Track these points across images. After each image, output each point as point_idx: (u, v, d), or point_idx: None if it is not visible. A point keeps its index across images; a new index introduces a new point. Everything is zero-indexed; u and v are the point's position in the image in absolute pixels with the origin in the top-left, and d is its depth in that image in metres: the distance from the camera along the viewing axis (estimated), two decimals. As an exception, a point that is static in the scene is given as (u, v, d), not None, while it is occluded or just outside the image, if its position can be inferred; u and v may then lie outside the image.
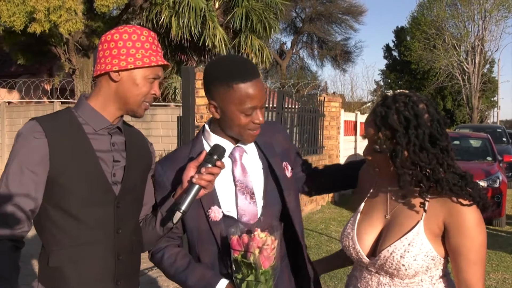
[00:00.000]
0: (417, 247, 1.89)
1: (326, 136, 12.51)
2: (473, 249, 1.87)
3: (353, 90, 33.12)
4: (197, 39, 13.56)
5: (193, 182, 1.88)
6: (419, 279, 1.95)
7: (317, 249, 7.99)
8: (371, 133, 1.95)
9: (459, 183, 1.88)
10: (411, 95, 1.94)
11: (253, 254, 1.87)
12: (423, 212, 1.93)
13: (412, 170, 1.90)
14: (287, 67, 40.48)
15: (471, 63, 37.01)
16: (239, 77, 1.93)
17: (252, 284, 1.91)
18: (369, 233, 2.04)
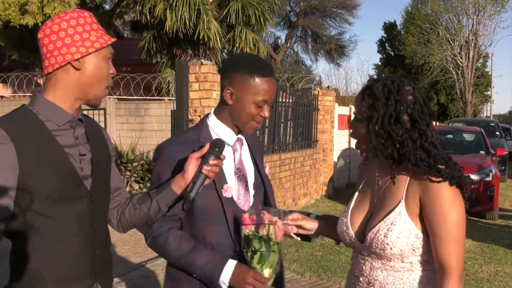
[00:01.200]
0: (399, 225, 1.95)
1: (320, 130, 12.54)
2: (445, 227, 1.90)
3: (348, 84, 33.28)
4: (192, 32, 13.52)
5: (203, 173, 2.00)
6: (409, 263, 1.99)
7: (311, 242, 7.99)
8: (357, 101, 2.09)
9: (427, 159, 1.94)
10: (402, 78, 2.06)
11: (267, 226, 2.03)
12: (403, 192, 1.99)
13: (384, 142, 1.99)
14: (281, 61, 40.42)
15: (465, 58, 37.08)
16: (262, 72, 2.16)
17: (265, 254, 2.03)
18: (360, 218, 2.12)
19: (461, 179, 1.96)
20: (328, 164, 12.72)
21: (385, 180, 2.09)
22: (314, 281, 6.31)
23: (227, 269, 2.08)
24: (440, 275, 1.93)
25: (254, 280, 2.04)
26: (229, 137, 2.24)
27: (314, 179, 12.02)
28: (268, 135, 10.13)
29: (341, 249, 7.65)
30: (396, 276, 2.00)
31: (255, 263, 2.05)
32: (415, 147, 1.96)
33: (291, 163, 10.58)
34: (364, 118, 2.02)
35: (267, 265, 2.05)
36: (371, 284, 2.06)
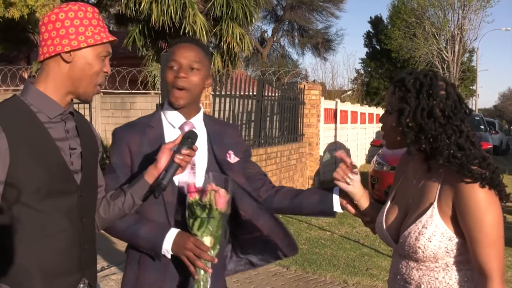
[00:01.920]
0: (431, 228, 1.93)
1: (306, 124, 12.55)
2: (481, 230, 1.85)
3: (334, 78, 33.26)
4: (178, 26, 13.47)
5: (175, 162, 2.01)
6: (444, 264, 1.97)
7: (297, 236, 8.03)
8: (389, 93, 2.06)
9: (460, 157, 1.90)
10: (435, 73, 2.04)
11: (209, 193, 2.07)
12: (436, 194, 1.96)
13: (414, 135, 1.96)
14: (268, 55, 40.41)
15: (450, 52, 37.25)
16: (173, 44, 2.33)
17: (205, 220, 2.07)
18: (396, 219, 2.11)
19: (494, 179, 1.89)
20: (314, 158, 12.74)
21: (420, 179, 2.06)
22: (300, 274, 6.33)
23: (169, 237, 2.12)
24: (482, 279, 1.89)
25: (194, 246, 2.06)
26: (176, 120, 2.29)
27: (300, 173, 12.04)
28: (254, 129, 10.14)
29: (326, 243, 7.69)
30: (431, 275, 1.99)
31: (195, 229, 2.08)
32: (450, 142, 1.92)
33: (277, 157, 10.59)
34: (395, 111, 2.01)
35: (207, 232, 2.07)
36: (407, 282, 2.06)
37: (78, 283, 2.00)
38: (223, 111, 8.98)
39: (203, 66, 2.26)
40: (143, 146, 2.23)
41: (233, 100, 9.28)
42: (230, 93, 9.19)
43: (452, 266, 1.97)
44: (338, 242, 7.80)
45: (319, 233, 8.29)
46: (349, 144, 16.33)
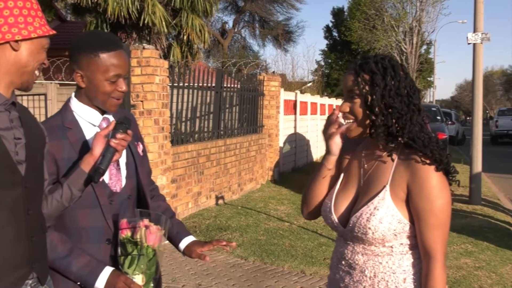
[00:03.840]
0: (382, 210, 1.96)
1: (266, 115, 12.57)
2: (431, 212, 1.92)
3: (294, 70, 33.38)
4: (136, 17, 13.29)
5: (111, 145, 2.00)
6: (390, 247, 2.01)
7: (255, 227, 8.05)
8: (350, 80, 2.04)
9: (422, 137, 1.96)
10: (388, 56, 2.08)
11: (140, 230, 2.04)
12: (389, 177, 2.00)
13: (384, 116, 1.97)
14: (229, 46, 40.22)
15: (409, 44, 37.66)
16: (106, 47, 2.10)
17: (135, 257, 2.04)
18: (345, 202, 2.11)
19: (449, 165, 1.98)
20: (273, 149, 12.77)
21: (372, 163, 2.09)
22: (258, 265, 6.35)
23: (102, 277, 2.07)
24: (426, 259, 1.95)
25: (124, 284, 2.04)
26: (94, 118, 2.20)
27: (260, 164, 12.07)
28: (213, 120, 10.11)
29: (284, 233, 7.73)
30: (376, 260, 2.02)
31: (126, 268, 2.06)
32: (412, 122, 1.97)
33: (236, 149, 10.58)
34: (362, 94, 2.00)
35: (138, 270, 2.05)
36: (352, 267, 2.08)
37: (27, 277, 1.94)
38: (181, 102, 8.93)
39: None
40: (66, 151, 2.15)
41: (192, 91, 9.23)
42: (188, 85, 9.13)
43: (397, 251, 2.01)
44: (296, 232, 7.84)
45: (278, 224, 8.33)
46: (309, 135, 16.42)
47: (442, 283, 1.92)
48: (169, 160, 7.85)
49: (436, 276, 1.92)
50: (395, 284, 2.00)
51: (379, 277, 2.01)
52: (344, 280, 2.11)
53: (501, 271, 6.23)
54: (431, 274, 1.92)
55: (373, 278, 2.02)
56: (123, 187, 2.22)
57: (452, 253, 6.86)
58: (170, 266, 6.12)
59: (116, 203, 2.19)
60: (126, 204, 2.23)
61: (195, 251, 2.36)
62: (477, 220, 9.00)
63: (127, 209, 2.23)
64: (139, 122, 7.28)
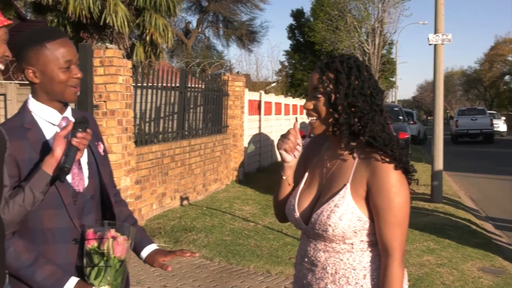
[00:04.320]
0: (342, 207, 1.99)
1: (230, 116, 12.56)
2: (390, 210, 1.95)
3: (258, 70, 33.42)
4: (98, 16, 13.12)
5: (73, 144, 1.99)
6: (350, 244, 2.03)
7: (221, 227, 8.02)
8: (315, 78, 2.07)
9: (385, 137, 1.99)
10: (356, 57, 2.16)
11: (108, 241, 2.02)
12: (350, 175, 2.03)
13: (347, 115, 2.00)
14: (192, 46, 40.04)
15: (371, 44, 38.06)
16: (50, 36, 2.10)
17: (102, 269, 2.01)
18: (308, 200, 2.14)
19: (409, 164, 2.01)
20: (238, 149, 12.77)
21: (334, 162, 2.12)
22: (223, 266, 6.33)
23: (68, 287, 2.04)
24: (384, 257, 1.99)
25: None
26: (53, 117, 2.16)
27: (225, 165, 12.04)
28: (177, 120, 10.05)
29: (250, 234, 7.72)
30: (337, 257, 2.05)
31: (92, 279, 2.03)
32: (374, 121, 2.00)
33: (201, 149, 10.54)
34: (326, 93, 2.03)
35: (104, 281, 2.03)
36: (314, 265, 2.10)
37: None
38: (145, 103, 8.85)
39: None
40: (27, 151, 2.09)
41: (155, 91, 9.15)
42: (152, 85, 9.06)
43: (357, 248, 2.04)
44: (262, 232, 7.85)
45: (243, 224, 8.32)
46: (274, 135, 16.45)
47: (399, 280, 1.96)
48: (133, 161, 7.77)
49: (393, 273, 1.95)
50: (356, 280, 2.02)
51: (340, 273, 2.04)
52: (307, 277, 2.14)
53: (462, 268, 6.33)
54: (389, 271, 1.95)
55: (334, 275, 2.04)
56: (86, 187, 2.19)
57: (415, 250, 6.95)
58: (135, 268, 6.06)
59: (79, 203, 2.15)
60: (90, 204, 2.20)
61: (157, 260, 2.32)
62: (439, 218, 9.15)
63: (90, 209, 2.20)
64: (102, 122, 7.19)
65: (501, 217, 10.00)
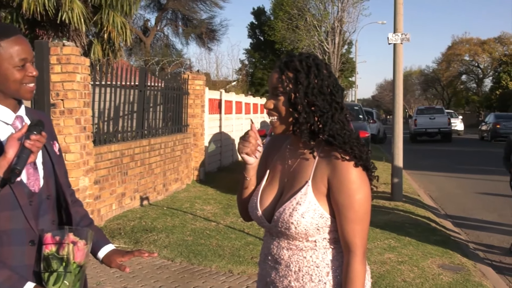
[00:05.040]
0: (304, 205, 1.99)
1: (191, 115, 12.45)
2: (351, 207, 1.96)
3: (219, 69, 33.31)
4: (53, 14, 12.83)
5: (27, 146, 1.94)
6: (313, 242, 2.04)
7: (182, 227, 7.94)
8: (275, 77, 2.07)
9: (342, 134, 1.99)
10: (313, 55, 2.11)
11: (67, 246, 1.98)
12: (311, 172, 2.03)
13: (307, 114, 2.00)
14: (151, 44, 39.67)
15: (331, 44, 38.35)
16: (3, 34, 2.03)
17: (61, 274, 1.97)
18: (270, 198, 2.14)
19: (369, 161, 2.02)
20: (199, 148, 12.67)
21: (295, 160, 2.12)
22: (185, 266, 6.26)
23: None
24: (346, 254, 1.99)
25: None
26: (6, 116, 2.10)
27: (185, 164, 11.94)
28: (136, 119, 9.90)
29: (211, 233, 7.66)
30: (300, 255, 2.05)
31: (50, 285, 1.98)
32: (334, 120, 2.00)
33: (161, 148, 10.42)
34: (286, 92, 2.03)
35: (63, 287, 1.98)
36: (277, 263, 2.10)
37: None
38: (104, 101, 8.70)
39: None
40: None
41: (114, 90, 9.01)
42: (110, 83, 8.90)
43: (320, 245, 2.05)
44: (224, 232, 7.79)
45: (205, 224, 8.25)
46: (234, 134, 16.41)
47: (361, 277, 1.97)
48: (92, 161, 7.62)
49: (355, 270, 1.96)
50: (319, 277, 2.03)
51: (304, 271, 2.04)
52: (270, 275, 2.14)
53: (422, 265, 6.40)
54: (350, 268, 1.96)
55: (298, 273, 2.05)
56: (42, 187, 2.13)
57: (376, 248, 7.00)
58: (95, 269, 5.93)
59: (35, 203, 2.09)
60: (46, 204, 2.14)
61: (114, 261, 2.28)
62: (399, 216, 9.25)
63: (47, 210, 2.14)
64: (59, 121, 7.03)
65: (459, 215, 10.17)
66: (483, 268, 6.63)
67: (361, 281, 1.96)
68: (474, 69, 73.23)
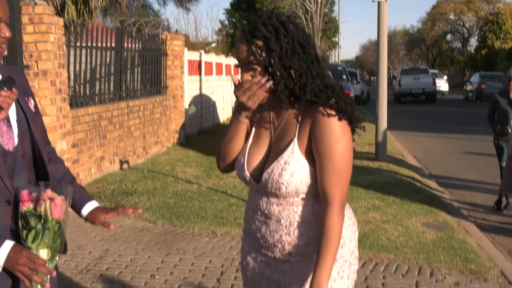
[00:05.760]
0: (292, 164, 1.95)
1: (170, 76, 12.21)
2: (330, 157, 1.90)
3: (198, 30, 32.87)
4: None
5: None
6: (303, 197, 2.00)
7: (163, 190, 7.83)
8: (244, 50, 1.95)
9: (325, 90, 1.92)
10: (274, 12, 1.99)
11: (45, 202, 1.90)
12: (296, 130, 1.99)
13: (285, 79, 1.92)
14: (127, 5, 38.65)
15: (313, 3, 37.89)
16: None
17: (40, 231, 1.90)
18: (257, 158, 2.09)
19: (352, 114, 1.96)
20: (179, 111, 12.47)
21: (281, 120, 2.06)
22: (167, 228, 6.16)
23: (2, 252, 1.89)
24: (324, 206, 1.94)
25: (28, 260, 1.88)
26: None
27: (165, 127, 11.76)
28: (114, 82, 9.66)
29: (193, 195, 7.56)
30: (291, 209, 2.01)
31: (29, 242, 1.91)
32: (313, 76, 1.93)
33: (140, 111, 10.22)
34: (262, 62, 1.91)
35: (42, 244, 1.91)
36: (268, 217, 2.07)
37: None
38: (79, 63, 8.45)
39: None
40: None
41: (90, 51, 8.75)
42: (86, 45, 8.64)
43: (310, 199, 2.01)
44: (206, 194, 7.69)
45: (186, 187, 8.14)
46: (215, 96, 16.21)
47: (336, 229, 1.91)
48: (69, 124, 7.42)
49: (331, 223, 1.91)
50: (310, 230, 2.01)
51: (295, 225, 2.02)
52: (260, 230, 2.10)
53: (407, 223, 6.37)
54: (327, 220, 1.91)
55: (289, 227, 2.02)
56: (16, 145, 2.03)
57: (360, 208, 6.95)
58: (75, 233, 5.81)
59: (9, 162, 2.00)
60: (21, 163, 2.04)
61: (98, 218, 2.22)
62: (383, 176, 9.21)
63: (22, 169, 2.05)
64: (34, 83, 6.81)
65: (444, 175, 10.16)
66: (467, 226, 6.61)
67: (337, 234, 1.91)
68: (459, 28, 72.69)
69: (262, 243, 2.11)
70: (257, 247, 2.15)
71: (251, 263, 2.20)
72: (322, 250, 1.90)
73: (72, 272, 4.86)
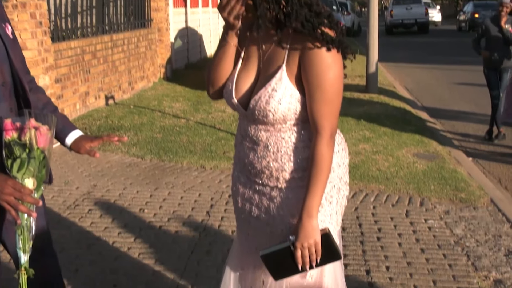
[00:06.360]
0: (280, 91, 1.91)
1: (154, 8, 11.85)
2: (320, 86, 1.86)
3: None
4: None
5: None
6: (291, 124, 1.97)
7: (150, 125, 7.71)
8: None
9: (311, 20, 1.85)
10: None
11: (29, 131, 1.86)
12: (285, 56, 1.93)
13: (268, 2, 1.84)
14: None
15: None
16: None
17: (25, 160, 1.87)
18: (246, 84, 2.04)
19: (342, 43, 1.89)
20: (164, 44, 12.19)
21: (269, 45, 1.99)
22: (155, 163, 6.08)
23: None
24: (314, 135, 1.92)
25: (13, 189, 1.84)
26: None
27: (151, 61, 11.51)
28: (96, 15, 9.36)
29: (181, 130, 7.46)
30: (278, 136, 1.99)
31: (14, 172, 1.87)
32: (301, 3, 1.84)
33: (124, 44, 9.96)
34: None
35: (28, 173, 1.88)
36: (255, 143, 2.05)
37: None
38: (60, -5, 8.16)
39: None
40: None
41: (70, -18, 8.42)
42: (66, -25, 8.31)
43: (298, 126, 1.98)
44: (194, 128, 7.59)
45: (174, 121, 8.02)
46: (201, 29, 15.87)
47: (327, 159, 1.91)
48: (51, 58, 7.20)
49: (320, 152, 1.90)
50: (297, 157, 1.99)
51: (282, 151, 2.00)
52: (248, 157, 2.09)
53: (397, 154, 6.34)
54: (317, 149, 1.90)
55: (276, 153, 2.00)
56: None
57: (351, 139, 6.89)
58: (62, 169, 5.72)
59: None
60: (1, 91, 1.99)
61: (83, 147, 2.19)
62: (374, 108, 9.13)
63: (2, 97, 2.00)
64: (13, 16, 6.55)
65: (435, 106, 10.10)
66: (458, 156, 6.60)
67: (327, 163, 1.90)
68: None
69: (250, 169, 2.09)
70: (246, 174, 2.13)
71: (240, 189, 2.18)
72: (312, 179, 1.89)
73: (60, 208, 4.79)
